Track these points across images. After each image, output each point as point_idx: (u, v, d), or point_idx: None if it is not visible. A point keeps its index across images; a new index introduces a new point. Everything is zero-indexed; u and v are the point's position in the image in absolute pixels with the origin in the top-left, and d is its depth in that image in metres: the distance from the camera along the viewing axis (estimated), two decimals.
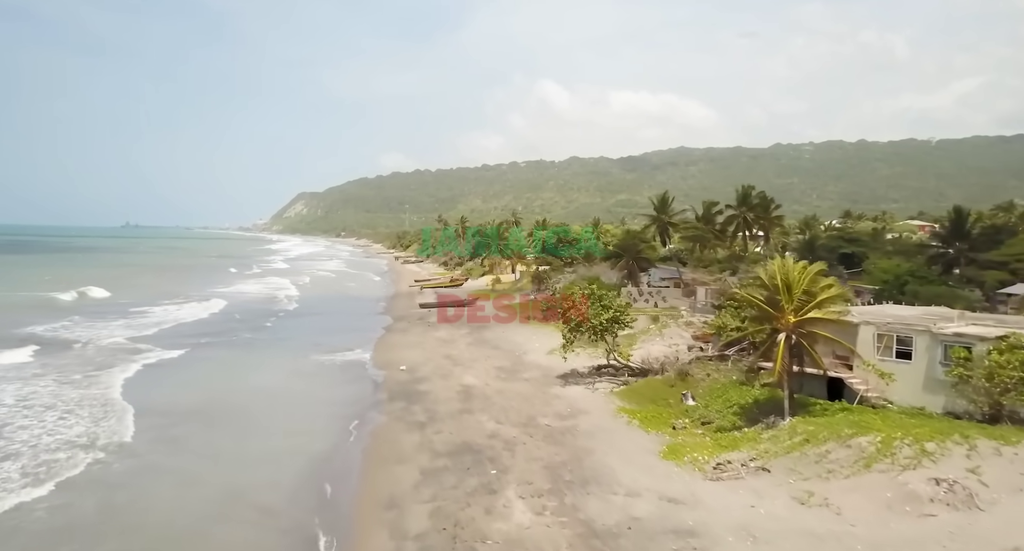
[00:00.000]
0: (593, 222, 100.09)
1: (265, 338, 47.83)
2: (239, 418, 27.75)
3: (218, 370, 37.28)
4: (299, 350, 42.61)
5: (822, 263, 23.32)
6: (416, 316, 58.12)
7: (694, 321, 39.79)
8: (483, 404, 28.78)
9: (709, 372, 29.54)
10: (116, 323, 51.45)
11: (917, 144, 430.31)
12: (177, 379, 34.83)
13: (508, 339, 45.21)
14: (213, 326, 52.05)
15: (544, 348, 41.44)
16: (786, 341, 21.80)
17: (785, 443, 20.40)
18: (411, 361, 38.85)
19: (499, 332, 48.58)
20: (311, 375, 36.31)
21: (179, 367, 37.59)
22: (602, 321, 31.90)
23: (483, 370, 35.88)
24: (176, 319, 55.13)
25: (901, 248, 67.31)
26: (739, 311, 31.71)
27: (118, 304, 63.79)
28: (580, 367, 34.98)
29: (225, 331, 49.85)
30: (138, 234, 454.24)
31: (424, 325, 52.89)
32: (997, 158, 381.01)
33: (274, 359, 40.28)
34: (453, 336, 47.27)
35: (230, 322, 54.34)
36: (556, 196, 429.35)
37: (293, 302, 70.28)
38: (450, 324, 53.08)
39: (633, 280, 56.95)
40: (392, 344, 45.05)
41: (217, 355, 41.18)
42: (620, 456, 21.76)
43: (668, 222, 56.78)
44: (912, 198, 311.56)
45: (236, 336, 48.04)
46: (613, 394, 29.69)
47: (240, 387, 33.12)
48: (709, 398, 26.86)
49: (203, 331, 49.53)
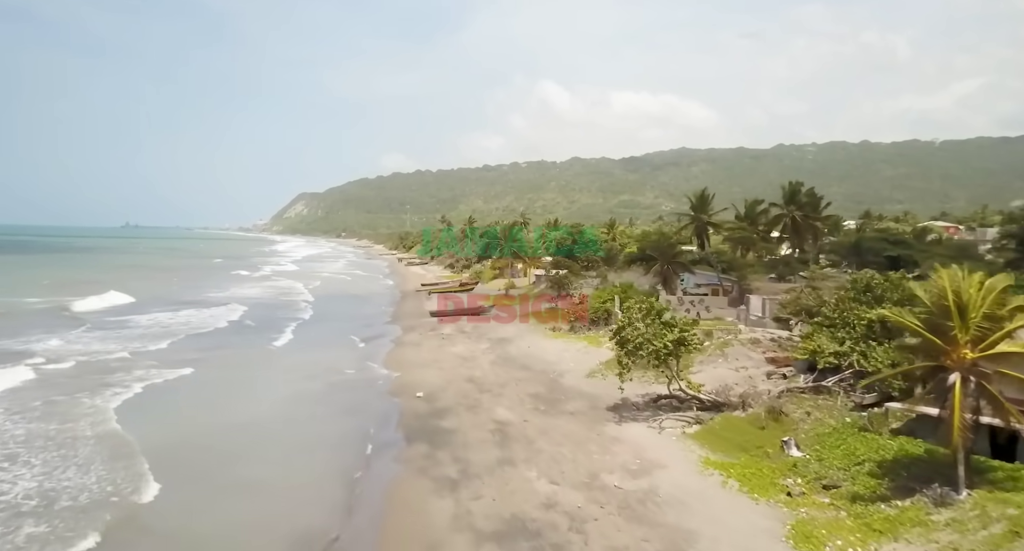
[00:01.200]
0: (608, 223, 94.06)
1: (275, 353, 42.17)
2: (217, 469, 21.63)
3: (217, 395, 31.65)
4: (307, 368, 36.83)
5: (1007, 276, 17.24)
6: (427, 326, 51.98)
7: (758, 337, 33.65)
8: (526, 450, 22.66)
9: (808, 410, 23.40)
10: (123, 333, 46.50)
11: (920, 145, 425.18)
12: (166, 405, 29.60)
13: (537, 356, 39.09)
14: (227, 337, 46.73)
15: (581, 367, 35.44)
16: (963, 384, 15.71)
17: (978, 534, 14.32)
18: (428, 384, 32.76)
19: (524, 346, 42.50)
20: (316, 401, 30.41)
21: (176, 390, 31.95)
22: (666, 344, 25.76)
23: (516, 398, 29.77)
24: (190, 327, 50.15)
25: (954, 251, 61.24)
26: (836, 331, 25.64)
27: (126, 310, 58.50)
28: (632, 395, 28.93)
29: (237, 344, 44.52)
30: (138, 234, 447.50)
31: (438, 337, 46.74)
32: (1001, 159, 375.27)
33: (281, 378, 34.78)
34: (473, 352, 41.16)
35: (245, 333, 48.70)
36: (558, 197, 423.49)
37: (307, 310, 64.06)
38: (466, 336, 46.97)
39: (668, 286, 50.85)
40: (404, 361, 38.94)
41: (222, 375, 35.52)
42: (734, 544, 15.68)
43: (708, 222, 50.74)
44: (917, 199, 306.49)
45: (247, 350, 42.52)
46: (687, 437, 23.57)
47: (234, 420, 27.25)
48: (821, 448, 20.74)
49: (216, 343, 44.46)
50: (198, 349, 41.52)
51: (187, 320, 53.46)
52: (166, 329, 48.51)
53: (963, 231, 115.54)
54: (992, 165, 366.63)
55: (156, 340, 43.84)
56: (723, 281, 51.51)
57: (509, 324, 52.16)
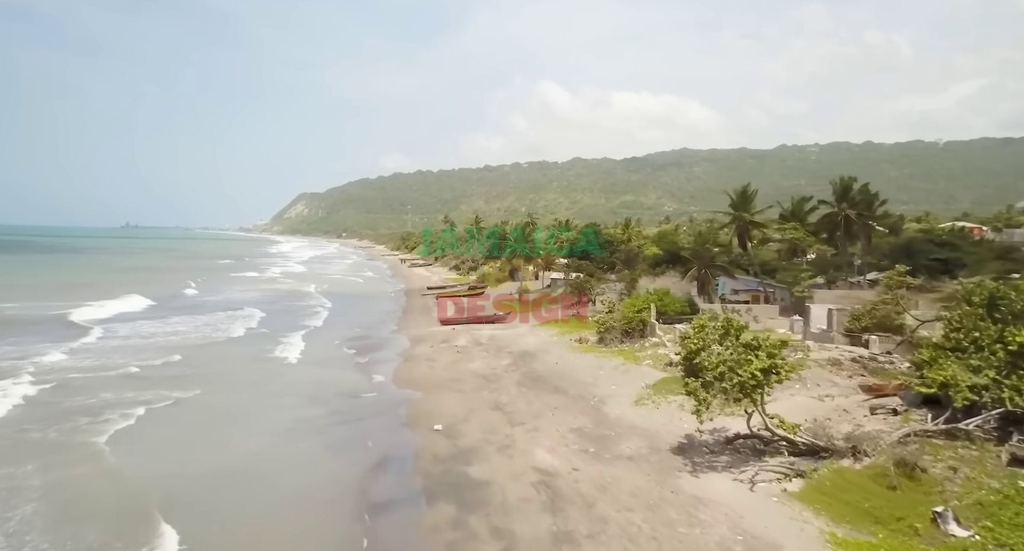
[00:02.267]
0: (623, 222, 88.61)
1: (286, 369, 36.70)
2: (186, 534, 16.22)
3: (215, 425, 26.36)
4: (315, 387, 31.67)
5: None
6: (439, 336, 46.50)
7: (838, 358, 28.18)
8: (587, 519, 17.18)
9: (952, 464, 17.92)
10: (133, 343, 41.94)
11: (924, 146, 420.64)
12: (163, 437, 24.62)
13: (568, 375, 33.63)
14: (240, 348, 41.65)
15: (624, 391, 29.99)
16: None
17: None
18: (447, 413, 27.37)
19: (551, 362, 37.07)
20: (321, 433, 25.16)
21: (175, 419, 26.87)
22: (752, 373, 20.26)
23: (555, 434, 24.30)
24: (203, 336, 45.31)
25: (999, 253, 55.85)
26: (967, 357, 20.20)
27: (138, 316, 53.69)
28: (693, 430, 23.57)
29: (251, 356, 39.46)
30: (138, 235, 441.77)
31: (451, 350, 41.28)
32: (1006, 160, 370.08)
33: (288, 402, 29.23)
34: (494, 369, 35.68)
35: (259, 343, 43.18)
36: (560, 197, 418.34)
37: (320, 315, 58.74)
38: (483, 349, 41.54)
39: (705, 293, 45.47)
40: (417, 380, 33.54)
41: (227, 399, 30.14)
42: None
43: (750, 221, 45.33)
44: (922, 200, 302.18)
45: (259, 364, 37.27)
46: (792, 498, 18.07)
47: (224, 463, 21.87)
48: (995, 526, 15.26)
49: (229, 355, 39.55)
50: (209, 362, 36.78)
51: (202, 327, 49.01)
52: (182, 338, 43.90)
53: (988, 232, 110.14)
54: (996, 166, 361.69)
55: (168, 352, 39.07)
56: (765, 287, 46.13)
57: (528, 334, 46.79)
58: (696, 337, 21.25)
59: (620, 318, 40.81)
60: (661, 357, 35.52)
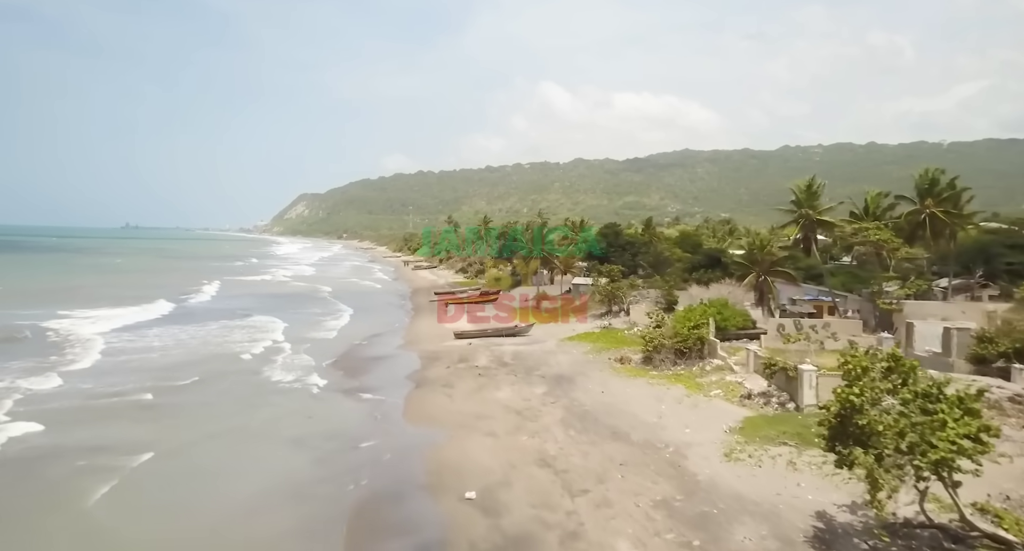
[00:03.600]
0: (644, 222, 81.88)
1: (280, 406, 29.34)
2: None
3: (206, 484, 19.98)
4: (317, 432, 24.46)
5: None
6: (455, 354, 39.65)
7: (993, 395, 21.36)
8: None
9: None
10: (144, 360, 36.50)
11: (928, 147, 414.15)
12: (149, 498, 18.31)
13: (622, 410, 26.79)
14: (255, 374, 34.57)
15: (702, 436, 23.19)
16: None
17: None
18: (480, 469, 20.60)
19: (595, 390, 30.27)
20: (323, 502, 18.30)
21: (171, 475, 20.71)
22: (954, 441, 13.40)
23: (636, 512, 17.45)
24: (216, 355, 39.00)
25: None
26: None
27: (153, 325, 48.73)
28: (828, 504, 16.91)
29: (265, 385, 32.50)
30: (139, 235, 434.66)
31: (472, 373, 34.44)
32: (1011, 161, 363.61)
33: (284, 453, 22.51)
34: (528, 400, 28.83)
35: (270, 368, 35.74)
36: (562, 198, 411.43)
37: (334, 325, 52.73)
38: (510, 372, 34.74)
39: (764, 303, 38.72)
40: (435, 417, 26.79)
41: (227, 446, 23.64)
42: None
43: (818, 219, 38.59)
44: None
45: (269, 398, 30.11)
46: None
47: None
48: None
49: (245, 382, 33.02)
50: (221, 394, 30.24)
51: (220, 340, 43.55)
52: (195, 357, 37.96)
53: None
54: (1002, 167, 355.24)
55: (182, 370, 33.78)
56: (834, 296, 39.32)
57: (557, 351, 40.01)
58: (859, 388, 14.38)
59: (672, 335, 34.02)
60: (732, 387, 28.75)
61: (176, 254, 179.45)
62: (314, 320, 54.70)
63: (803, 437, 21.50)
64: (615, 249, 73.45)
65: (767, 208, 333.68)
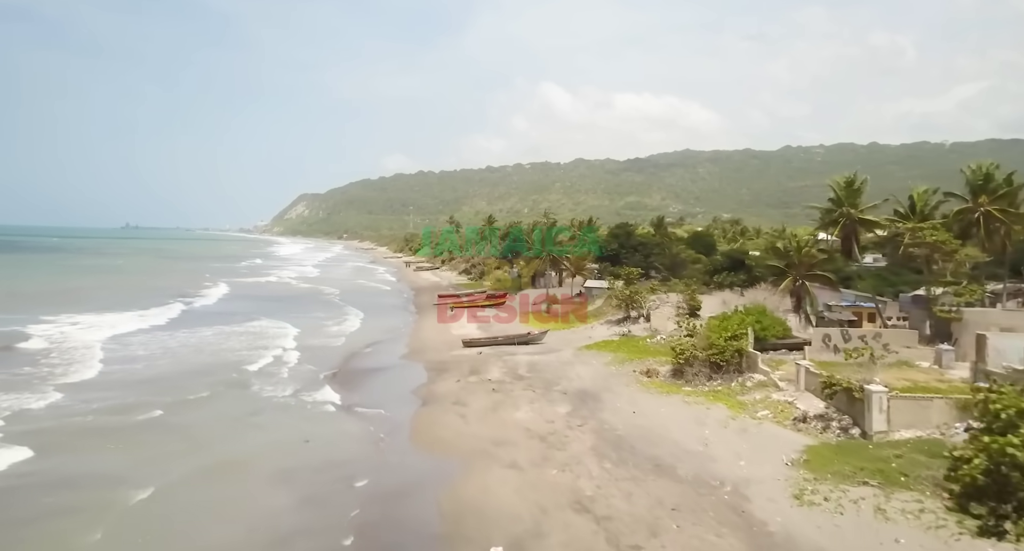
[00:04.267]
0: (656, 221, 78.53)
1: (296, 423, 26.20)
2: None
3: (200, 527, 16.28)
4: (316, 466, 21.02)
5: None
6: (465, 365, 36.24)
7: None
8: None
9: None
10: (149, 373, 32.66)
11: (930, 147, 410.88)
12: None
13: (664, 436, 23.38)
14: (264, 392, 30.79)
15: (762, 469, 19.85)
16: None
17: None
18: (504, 513, 17.29)
19: (624, 409, 26.90)
20: None
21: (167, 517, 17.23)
22: None
23: None
24: (230, 364, 35.81)
25: None
26: None
27: (140, 335, 44.51)
28: None
29: (270, 403, 29.19)
30: (139, 235, 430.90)
31: (485, 387, 31.03)
32: (1014, 161, 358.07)
33: (276, 477, 19.10)
34: (551, 421, 25.41)
35: (278, 384, 31.98)
36: (563, 198, 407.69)
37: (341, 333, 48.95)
38: (527, 386, 31.34)
39: (802, 310, 35.35)
40: (445, 440, 23.48)
41: (220, 489, 19.59)
42: None
43: (860, 219, 35.21)
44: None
45: (276, 426, 26.24)
46: None
47: None
48: None
49: (251, 398, 29.84)
50: (217, 416, 26.91)
51: (224, 348, 40.57)
52: (197, 368, 34.95)
53: None
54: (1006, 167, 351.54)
55: (183, 385, 30.71)
56: (877, 302, 35.95)
57: (575, 361, 36.63)
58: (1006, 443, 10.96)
59: (705, 346, 30.62)
60: (782, 407, 25.36)
61: (178, 255, 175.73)
62: (322, 325, 51.68)
63: (886, 475, 18.14)
64: (626, 250, 70.09)
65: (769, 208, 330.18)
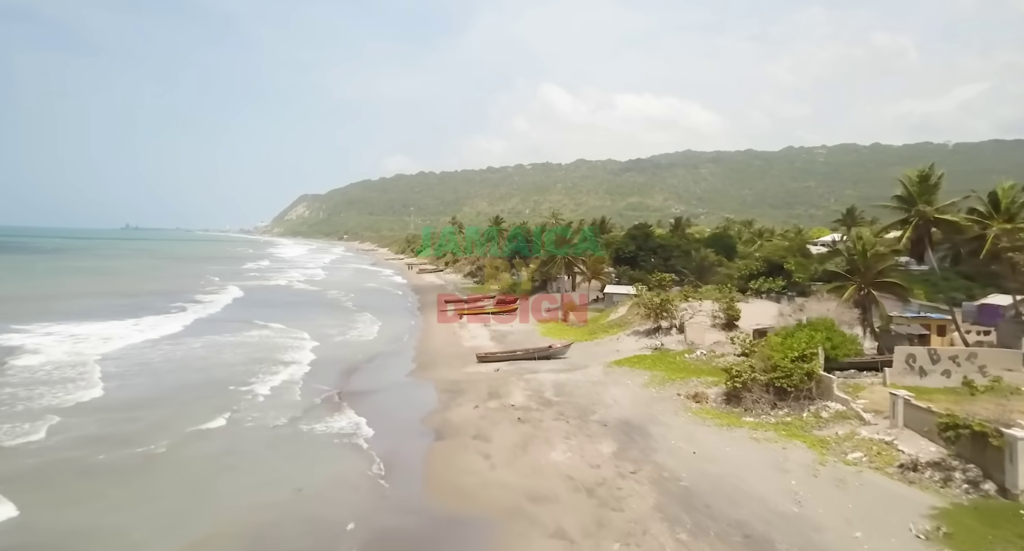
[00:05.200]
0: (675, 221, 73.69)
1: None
2: None
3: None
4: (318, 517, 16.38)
5: None
6: (481, 384, 31.37)
7: None
8: None
9: None
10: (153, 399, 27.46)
11: (933, 147, 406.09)
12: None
13: (743, 491, 18.56)
14: (280, 419, 26.16)
15: (883, 542, 14.99)
16: None
17: None
18: None
19: (681, 446, 22.09)
20: None
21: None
22: None
23: None
24: (248, 388, 31.06)
25: None
26: None
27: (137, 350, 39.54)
28: None
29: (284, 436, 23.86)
30: (139, 236, 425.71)
31: (508, 417, 26.16)
32: (1017, 162, 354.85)
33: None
34: (597, 466, 20.57)
35: (287, 409, 27.09)
36: (565, 199, 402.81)
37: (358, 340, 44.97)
38: (557, 412, 26.51)
39: (867, 322, 30.54)
40: (466, 491, 18.70)
41: None
42: None
43: (935, 218, 30.49)
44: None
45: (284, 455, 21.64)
46: None
47: None
48: None
49: (267, 426, 25.24)
50: (203, 458, 22.13)
51: (233, 363, 36.16)
52: (204, 390, 30.43)
53: None
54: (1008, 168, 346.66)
55: (180, 411, 26.57)
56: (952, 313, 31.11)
57: (607, 380, 31.81)
58: None
59: (767, 368, 25.80)
60: (878, 448, 20.49)
61: (180, 256, 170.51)
62: (341, 331, 47.93)
63: None
64: (644, 252, 65.34)
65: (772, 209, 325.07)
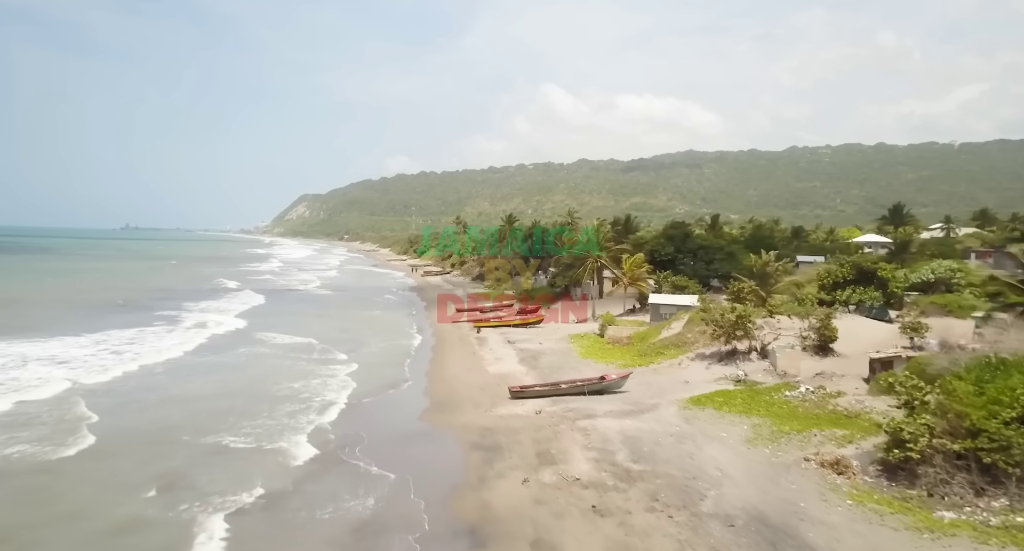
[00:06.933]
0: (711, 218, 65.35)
1: None
2: None
3: None
4: None
5: None
6: (525, 441, 22.73)
7: None
8: None
9: None
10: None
11: (939, 148, 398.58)
12: None
13: None
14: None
15: None
16: None
17: None
18: None
19: None
20: None
21: None
22: None
23: None
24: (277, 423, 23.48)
25: None
26: None
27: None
28: None
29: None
30: (139, 236, 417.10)
31: (574, 503, 17.52)
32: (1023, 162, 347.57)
33: None
34: None
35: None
36: (567, 199, 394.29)
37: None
38: (634, 486, 17.94)
39: None
40: None
41: None
42: None
43: None
44: (944, 202, 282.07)
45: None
46: None
47: None
48: None
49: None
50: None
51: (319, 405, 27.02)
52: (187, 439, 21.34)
53: None
54: (1014, 168, 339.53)
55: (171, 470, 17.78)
56: None
57: (689, 428, 23.23)
58: None
59: (954, 428, 17.23)
60: None
61: (183, 257, 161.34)
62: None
63: None
64: (683, 255, 56.85)
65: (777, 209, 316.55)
